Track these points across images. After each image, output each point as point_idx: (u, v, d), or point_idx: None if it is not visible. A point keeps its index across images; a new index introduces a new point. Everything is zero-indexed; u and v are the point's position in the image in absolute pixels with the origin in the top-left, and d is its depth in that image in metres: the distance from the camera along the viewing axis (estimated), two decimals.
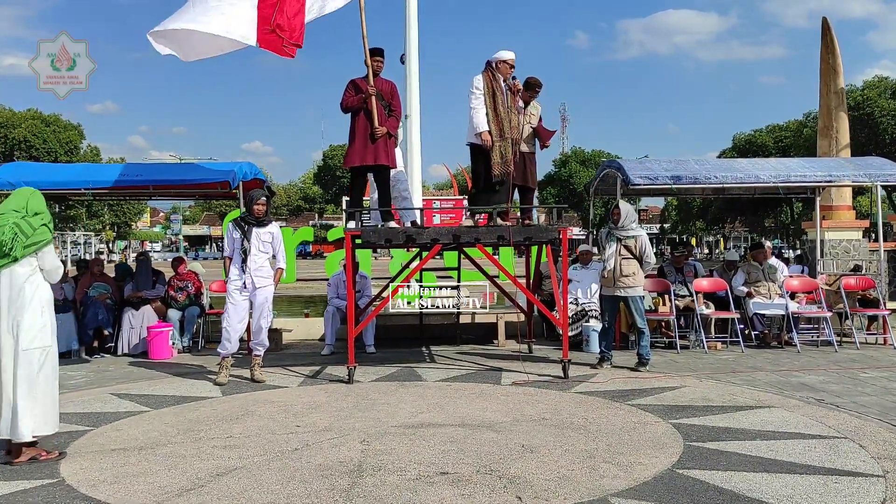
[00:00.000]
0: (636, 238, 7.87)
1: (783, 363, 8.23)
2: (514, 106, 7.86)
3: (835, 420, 5.54)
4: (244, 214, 7.52)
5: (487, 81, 7.74)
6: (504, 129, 7.68)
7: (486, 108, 7.68)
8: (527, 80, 8.35)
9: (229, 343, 7.32)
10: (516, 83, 7.98)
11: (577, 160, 67.07)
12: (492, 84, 7.72)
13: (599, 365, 7.97)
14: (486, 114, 7.68)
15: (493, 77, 7.76)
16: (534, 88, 8.43)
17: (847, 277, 9.99)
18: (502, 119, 7.69)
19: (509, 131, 7.69)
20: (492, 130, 7.65)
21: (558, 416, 5.75)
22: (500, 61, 7.84)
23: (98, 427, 5.62)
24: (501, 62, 7.83)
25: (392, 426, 5.46)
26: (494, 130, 7.66)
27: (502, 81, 7.83)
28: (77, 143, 49.67)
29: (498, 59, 7.84)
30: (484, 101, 7.70)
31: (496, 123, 7.68)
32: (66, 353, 9.09)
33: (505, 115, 7.69)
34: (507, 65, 7.85)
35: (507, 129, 7.69)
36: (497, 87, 7.74)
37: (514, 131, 7.77)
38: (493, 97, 7.70)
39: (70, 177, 9.22)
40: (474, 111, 7.68)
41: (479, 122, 7.67)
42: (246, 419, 5.76)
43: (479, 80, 7.77)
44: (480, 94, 7.72)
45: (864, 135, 33.65)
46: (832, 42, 14.43)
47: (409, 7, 13.51)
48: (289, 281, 15.68)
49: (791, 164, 10.27)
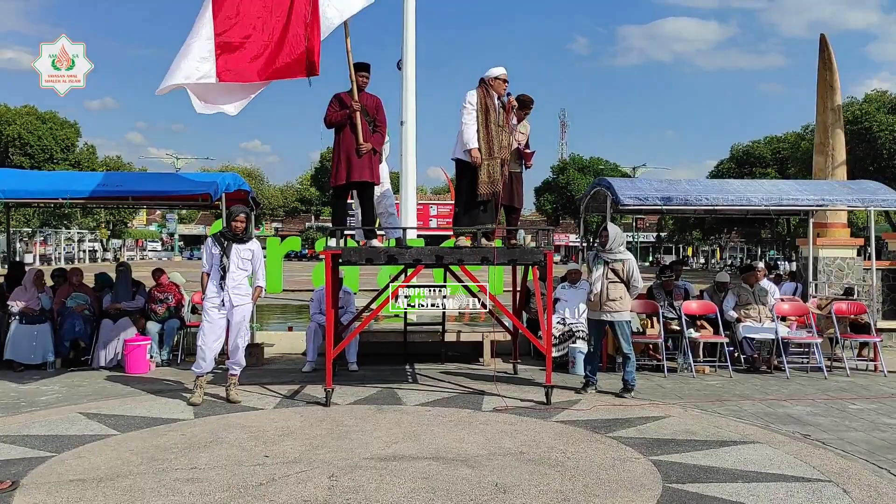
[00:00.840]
0: (624, 262, 7.71)
1: (771, 391, 8.07)
2: (507, 125, 7.71)
3: (820, 459, 5.38)
4: (224, 230, 7.35)
5: (481, 97, 7.58)
6: (494, 147, 7.51)
7: (477, 125, 7.53)
8: (520, 97, 8.20)
9: (204, 362, 7.15)
10: (511, 100, 7.82)
11: (576, 167, 66.92)
12: (485, 101, 7.56)
13: (584, 389, 7.81)
14: (478, 130, 7.52)
15: (486, 94, 7.60)
16: (527, 106, 8.28)
17: (839, 302, 9.83)
18: (493, 137, 7.53)
19: (499, 151, 7.53)
20: (481, 148, 7.49)
21: (536, 449, 5.58)
22: (494, 78, 7.67)
23: (60, 453, 5.43)
24: (495, 79, 7.67)
25: (364, 458, 5.29)
26: (484, 148, 7.49)
27: (496, 98, 7.67)
28: (73, 141, 49.37)
29: (491, 76, 7.68)
30: (476, 117, 7.54)
31: (486, 141, 7.51)
32: (41, 364, 8.95)
33: (496, 133, 7.53)
34: (500, 81, 7.69)
35: (497, 149, 7.52)
36: (490, 104, 7.58)
37: (504, 151, 7.61)
38: (485, 114, 7.54)
39: (48, 185, 9.03)
40: (465, 126, 7.51)
41: (470, 138, 7.50)
42: (214, 447, 5.59)
43: (472, 95, 7.60)
44: (473, 109, 7.55)
45: (861, 149, 33.50)
46: (830, 59, 14.30)
47: (407, 13, 13.40)
48: (275, 291, 15.52)
49: (784, 187, 10.12)
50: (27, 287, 9.12)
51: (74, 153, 48.94)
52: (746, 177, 46.61)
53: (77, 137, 50.08)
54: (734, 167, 51.23)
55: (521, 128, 8.15)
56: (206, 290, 7.21)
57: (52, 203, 10.52)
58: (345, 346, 8.05)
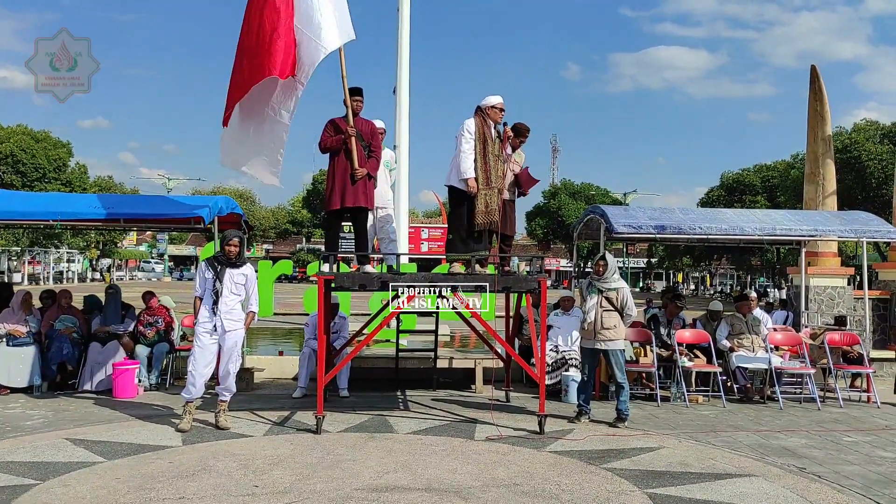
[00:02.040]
0: (618, 290, 7.69)
1: (765, 422, 8.03)
2: (503, 154, 7.72)
3: (816, 494, 5.33)
4: (217, 254, 7.29)
5: (479, 126, 7.60)
6: (491, 177, 7.53)
7: (475, 154, 7.53)
8: (516, 126, 8.22)
9: (194, 388, 7.05)
10: (507, 130, 7.84)
11: (567, 192, 67.18)
12: (483, 130, 7.58)
13: (577, 419, 7.74)
14: (475, 160, 7.53)
15: (484, 123, 7.62)
16: (523, 134, 8.30)
17: (831, 333, 9.83)
18: (490, 167, 7.54)
19: (496, 181, 7.54)
20: (479, 178, 7.50)
21: (530, 481, 5.51)
22: (491, 107, 7.70)
23: (45, 481, 5.32)
24: (492, 108, 7.70)
25: (355, 489, 5.21)
26: (481, 178, 7.51)
27: (493, 128, 7.69)
28: (65, 161, 49.19)
29: (488, 105, 7.71)
30: (474, 146, 7.55)
31: (484, 171, 7.53)
32: (27, 388, 8.81)
33: (493, 163, 7.55)
34: (496, 110, 7.72)
35: (494, 179, 7.53)
36: (488, 133, 7.59)
37: (501, 181, 7.62)
38: (483, 143, 7.56)
39: (40, 207, 8.96)
40: (464, 155, 7.51)
41: (467, 168, 7.50)
42: (202, 476, 5.49)
43: (471, 123, 7.62)
44: (472, 138, 7.56)
45: (850, 178, 33.80)
46: (820, 90, 14.44)
47: (402, 39, 13.50)
48: (266, 315, 15.41)
49: (777, 217, 10.15)
50: (14, 309, 9.01)
51: (66, 173, 48.73)
52: (736, 204, 46.90)
53: (69, 157, 49.91)
54: (724, 194, 51.59)
55: (515, 156, 8.15)
56: (199, 314, 7.13)
57: (42, 224, 10.39)
58: (339, 370, 7.97)
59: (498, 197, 7.57)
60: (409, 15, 13.54)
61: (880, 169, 34.45)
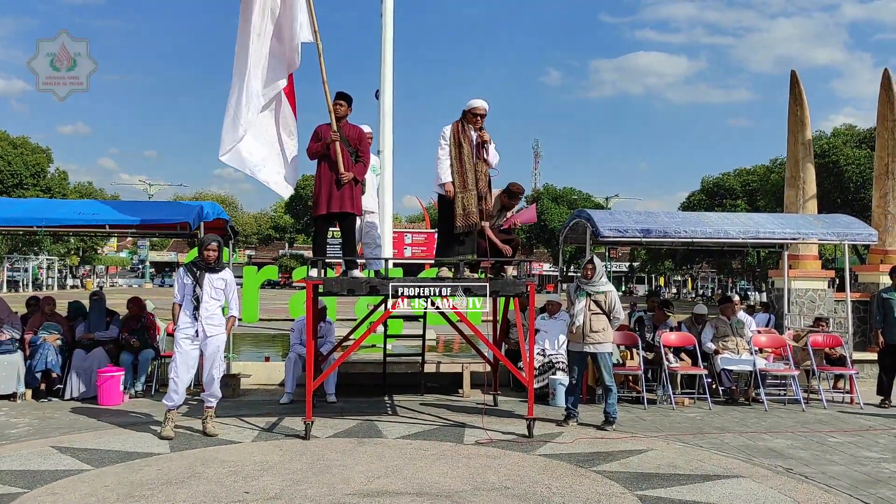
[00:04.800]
0: (606, 293, 7.74)
1: (750, 423, 8.10)
2: (481, 158, 7.75)
3: (804, 494, 5.39)
4: (196, 260, 7.23)
5: (455, 132, 7.67)
6: (468, 180, 7.59)
7: (450, 159, 7.61)
8: (509, 189, 8.40)
9: (177, 395, 7.00)
10: (482, 134, 7.82)
11: (549, 197, 67.43)
12: (458, 135, 7.65)
13: (565, 422, 7.77)
14: (451, 164, 7.60)
15: (462, 127, 7.68)
16: (516, 196, 8.44)
17: (814, 335, 9.94)
18: (467, 170, 7.61)
19: (474, 184, 7.59)
20: (455, 181, 7.57)
21: (521, 484, 5.53)
22: (469, 110, 7.77)
23: (33, 489, 5.27)
24: (470, 111, 7.77)
25: (346, 494, 5.20)
26: (458, 181, 7.59)
27: (471, 131, 7.74)
28: (44, 167, 48.67)
29: (468, 108, 7.78)
30: (449, 151, 7.63)
31: (460, 174, 7.61)
32: (10, 395, 8.71)
33: (470, 166, 7.60)
34: (473, 115, 7.77)
35: (473, 181, 7.58)
36: (464, 137, 7.65)
37: (481, 183, 7.66)
38: (458, 147, 7.62)
39: (25, 213, 8.87)
40: (439, 161, 7.64)
41: (443, 172, 7.62)
42: (192, 482, 5.45)
43: (447, 129, 7.74)
44: (447, 144, 7.66)
45: (829, 182, 34.20)
46: (800, 95, 14.60)
47: (385, 43, 13.48)
48: (251, 321, 15.31)
49: (760, 220, 10.25)
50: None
51: (45, 179, 48.22)
52: (717, 208, 47.34)
53: (48, 163, 49.41)
54: (705, 199, 52.02)
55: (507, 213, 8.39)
56: (179, 320, 7.07)
57: (23, 230, 10.28)
58: (326, 376, 7.95)
59: (476, 199, 7.62)
60: (392, 20, 13.56)
61: (858, 173, 34.90)
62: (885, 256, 13.18)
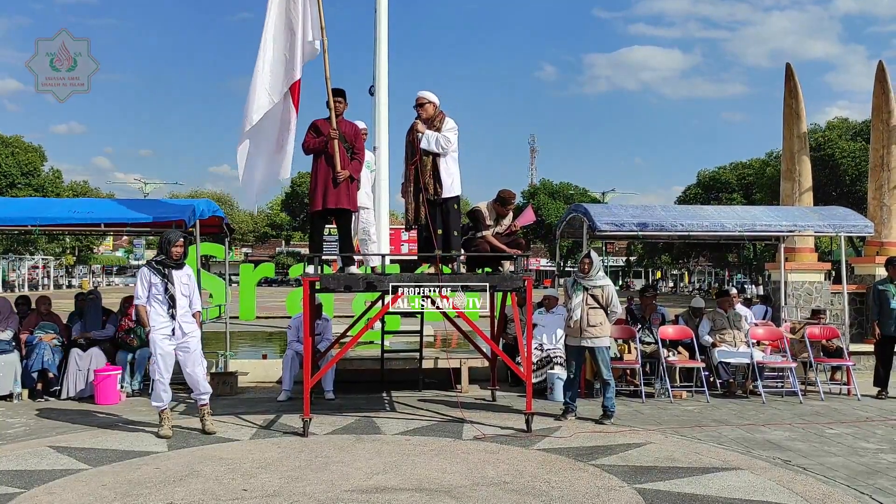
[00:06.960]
0: (603, 288, 7.73)
1: (748, 416, 8.11)
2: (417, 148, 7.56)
3: (802, 486, 5.39)
4: (162, 258, 7.11)
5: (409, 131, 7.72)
6: (409, 177, 7.64)
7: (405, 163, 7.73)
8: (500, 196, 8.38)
9: (165, 394, 6.97)
10: (415, 123, 7.62)
11: (546, 192, 67.37)
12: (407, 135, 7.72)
13: (564, 416, 7.77)
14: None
15: (412, 126, 7.70)
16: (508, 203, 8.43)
17: (811, 327, 9.95)
18: (409, 170, 7.67)
19: (412, 179, 7.58)
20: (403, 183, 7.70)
21: (520, 478, 5.52)
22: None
23: (30, 489, 5.25)
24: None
25: (345, 490, 5.19)
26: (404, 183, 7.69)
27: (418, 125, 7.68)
28: (38, 166, 48.47)
29: None
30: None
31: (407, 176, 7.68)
32: (7, 396, 8.68)
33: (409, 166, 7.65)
34: (415, 104, 7.73)
35: (412, 176, 7.59)
36: (411, 136, 7.67)
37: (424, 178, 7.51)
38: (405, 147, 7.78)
39: (19, 212, 8.82)
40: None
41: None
42: (190, 480, 5.44)
43: None
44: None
45: (824, 175, 34.26)
46: (795, 87, 14.59)
47: (379, 40, 13.47)
48: (248, 318, 15.32)
49: (757, 213, 10.25)
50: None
51: (39, 178, 48.04)
52: (713, 202, 47.39)
53: (42, 162, 49.23)
54: (701, 192, 52.09)
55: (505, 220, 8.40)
56: (152, 320, 6.98)
57: (18, 230, 10.23)
58: (324, 373, 7.94)
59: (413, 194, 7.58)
60: (386, 15, 13.54)
61: (854, 166, 34.99)
62: (880, 248, 13.19)
